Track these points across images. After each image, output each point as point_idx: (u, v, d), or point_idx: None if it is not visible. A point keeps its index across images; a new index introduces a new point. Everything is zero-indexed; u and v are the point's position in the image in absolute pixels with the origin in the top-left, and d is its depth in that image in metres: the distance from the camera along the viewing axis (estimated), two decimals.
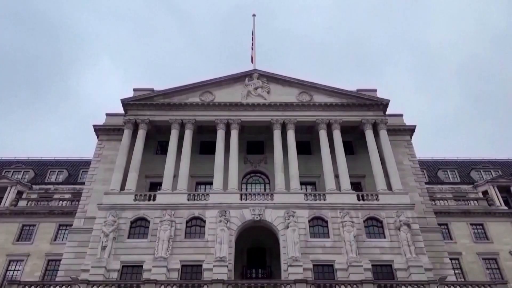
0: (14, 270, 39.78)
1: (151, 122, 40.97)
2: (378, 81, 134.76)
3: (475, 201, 45.98)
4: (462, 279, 37.98)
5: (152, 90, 43.05)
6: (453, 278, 32.84)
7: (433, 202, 43.23)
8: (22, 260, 40.26)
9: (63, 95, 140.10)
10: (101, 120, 44.88)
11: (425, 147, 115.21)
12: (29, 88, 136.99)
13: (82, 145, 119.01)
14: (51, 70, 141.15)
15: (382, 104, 41.83)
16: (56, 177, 52.83)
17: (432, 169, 55.51)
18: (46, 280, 36.41)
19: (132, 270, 32.03)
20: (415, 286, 25.41)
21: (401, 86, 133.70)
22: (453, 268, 36.46)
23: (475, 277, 38.00)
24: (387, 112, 42.22)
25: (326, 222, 34.45)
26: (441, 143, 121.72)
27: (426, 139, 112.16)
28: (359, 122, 41.19)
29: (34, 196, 47.77)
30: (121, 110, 42.55)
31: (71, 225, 37.76)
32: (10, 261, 40.42)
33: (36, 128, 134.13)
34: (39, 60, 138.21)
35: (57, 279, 32.92)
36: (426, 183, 45.33)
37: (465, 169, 55.78)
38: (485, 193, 48.33)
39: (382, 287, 25.38)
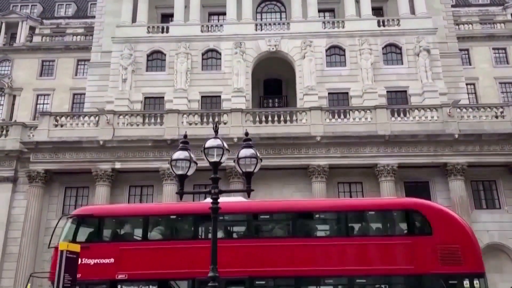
0: (43, 104, 42.08)
1: None
2: None
3: (502, 24, 43.64)
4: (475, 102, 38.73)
5: None
6: (466, 102, 33.48)
7: (456, 27, 41.24)
8: (49, 94, 42.22)
9: None
10: None
11: None
12: None
13: None
14: None
15: None
16: (65, 11, 51.34)
17: None
18: (74, 111, 38.64)
19: (154, 101, 33.44)
20: (428, 110, 25.97)
21: None
22: (468, 93, 36.81)
23: (489, 100, 38.43)
24: None
25: (344, 50, 33.84)
26: None
27: None
28: None
29: (47, 31, 47.24)
30: None
31: (89, 59, 38.13)
32: (38, 95, 42.47)
33: None
34: None
35: (84, 110, 34.88)
36: (452, 6, 42.41)
37: None
38: None
39: (395, 111, 26.03)
